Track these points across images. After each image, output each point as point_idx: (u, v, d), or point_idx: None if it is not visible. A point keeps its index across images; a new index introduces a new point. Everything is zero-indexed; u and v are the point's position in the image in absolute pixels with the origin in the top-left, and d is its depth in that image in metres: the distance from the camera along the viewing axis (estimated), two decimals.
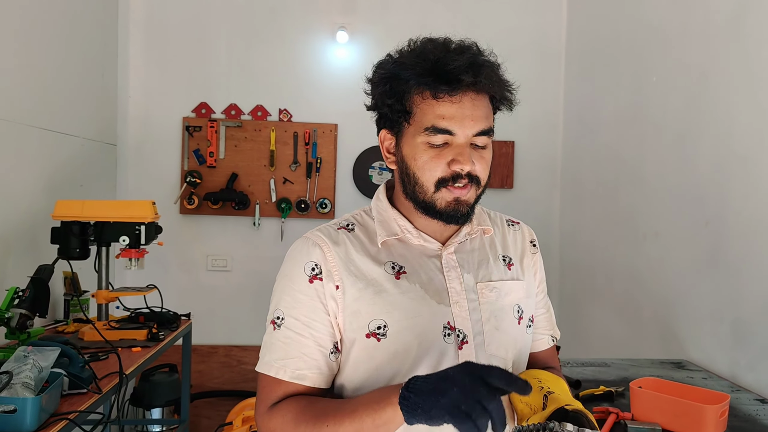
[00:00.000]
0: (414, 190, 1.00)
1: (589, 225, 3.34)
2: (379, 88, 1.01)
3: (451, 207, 0.98)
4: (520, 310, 1.08)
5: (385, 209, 1.06)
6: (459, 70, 0.93)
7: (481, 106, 0.98)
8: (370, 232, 1.05)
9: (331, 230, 1.05)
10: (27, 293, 2.09)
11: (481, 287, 1.03)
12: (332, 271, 0.99)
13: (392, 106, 0.99)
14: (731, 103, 2.12)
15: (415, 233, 1.04)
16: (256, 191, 3.61)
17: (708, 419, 1.50)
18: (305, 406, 0.93)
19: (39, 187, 2.59)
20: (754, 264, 1.99)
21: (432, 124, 0.95)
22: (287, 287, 1.00)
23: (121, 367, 1.93)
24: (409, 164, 0.99)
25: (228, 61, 3.61)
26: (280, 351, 0.98)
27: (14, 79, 2.41)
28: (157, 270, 3.38)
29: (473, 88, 0.96)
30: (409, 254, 1.03)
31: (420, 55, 0.97)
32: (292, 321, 0.98)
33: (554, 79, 3.77)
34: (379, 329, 0.97)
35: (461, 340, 0.99)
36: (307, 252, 1.01)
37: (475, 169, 0.97)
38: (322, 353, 0.98)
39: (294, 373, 0.96)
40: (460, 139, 0.96)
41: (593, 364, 2.21)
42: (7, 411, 1.44)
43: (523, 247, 1.16)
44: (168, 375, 3.28)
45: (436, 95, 0.95)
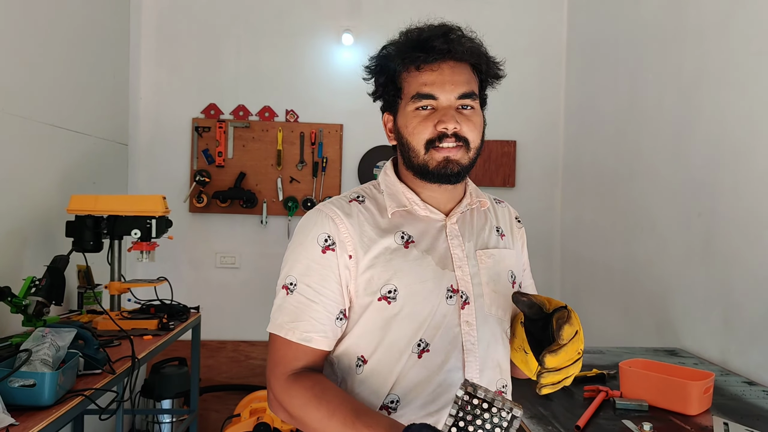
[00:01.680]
0: (409, 156, 1.09)
1: (589, 221, 3.41)
2: (374, 73, 1.13)
3: (441, 166, 1.06)
4: (513, 275, 1.18)
5: (393, 183, 1.15)
6: (432, 38, 1.04)
7: (460, 73, 1.07)
8: (379, 204, 1.13)
9: (343, 202, 1.12)
10: (43, 282, 2.19)
11: (480, 254, 1.13)
12: (345, 242, 1.06)
13: (386, 86, 1.11)
14: (722, 99, 2.19)
15: (422, 205, 1.12)
16: (263, 190, 3.71)
17: (692, 395, 1.57)
18: (315, 395, 0.99)
19: (54, 183, 2.70)
20: (744, 253, 2.05)
21: (416, 91, 1.06)
22: (301, 255, 1.07)
23: (134, 351, 2.02)
24: (403, 133, 1.09)
25: (236, 63, 3.72)
26: (291, 314, 1.05)
27: (30, 78, 2.52)
28: (167, 267, 3.48)
29: (451, 56, 1.06)
30: (417, 224, 1.11)
31: (403, 37, 1.10)
32: (304, 287, 1.05)
33: (555, 78, 3.84)
34: (390, 293, 1.05)
35: (464, 301, 1.09)
36: (321, 224, 1.08)
37: (461, 129, 1.05)
38: (329, 319, 1.05)
39: (302, 335, 1.04)
40: (443, 102, 1.06)
41: (589, 351, 2.27)
42: (27, 385, 1.52)
43: (511, 222, 1.26)
44: (178, 368, 3.37)
45: (418, 67, 1.06)
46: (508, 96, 3.82)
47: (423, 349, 1.05)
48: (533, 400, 1.71)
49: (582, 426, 1.48)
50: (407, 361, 1.05)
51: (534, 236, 3.75)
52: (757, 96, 2.00)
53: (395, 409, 1.04)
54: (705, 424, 1.52)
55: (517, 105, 3.82)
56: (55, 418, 1.52)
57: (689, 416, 1.57)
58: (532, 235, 4.06)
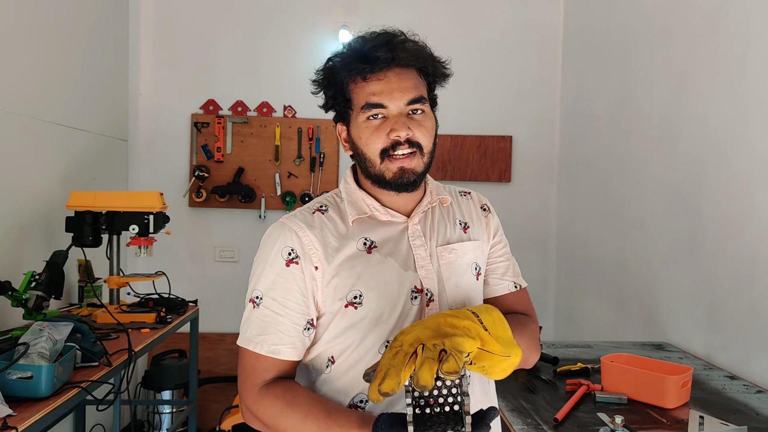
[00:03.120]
0: (366, 167, 1.11)
1: (583, 217, 3.44)
2: (322, 86, 1.15)
3: (397, 176, 1.08)
4: (477, 267, 1.20)
5: (353, 191, 1.16)
6: (375, 48, 1.05)
7: (407, 79, 1.08)
8: (342, 213, 1.15)
9: (306, 214, 1.14)
10: (43, 276, 2.25)
11: (440, 250, 1.16)
12: (310, 254, 1.08)
13: (336, 98, 1.12)
14: (709, 97, 2.22)
15: (382, 210, 1.14)
16: (261, 185, 3.75)
17: (669, 389, 1.62)
18: (287, 403, 1.03)
19: (54, 179, 2.75)
20: (727, 250, 2.08)
21: (365, 101, 1.07)
22: (265, 270, 1.09)
23: (130, 344, 2.07)
24: (357, 143, 1.11)
25: (234, 60, 3.75)
26: (258, 328, 1.07)
27: (30, 76, 2.57)
28: (167, 261, 3.54)
29: (396, 64, 1.06)
30: (379, 229, 1.14)
31: (347, 49, 1.10)
32: (269, 301, 1.08)
33: (551, 74, 3.86)
34: (355, 298, 1.07)
35: (429, 299, 1.12)
36: (284, 237, 1.10)
37: (413, 135, 1.07)
38: (296, 330, 1.08)
39: (270, 348, 1.06)
40: (393, 110, 1.07)
41: (577, 346, 2.32)
42: (25, 377, 1.58)
43: (477, 214, 1.27)
44: (177, 360, 3.44)
45: (364, 77, 1.07)
46: (505, 91, 3.85)
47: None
48: (516, 393, 1.76)
49: (560, 419, 1.52)
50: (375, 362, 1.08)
51: (529, 231, 3.85)
52: (741, 96, 2.03)
53: (364, 408, 1.08)
54: (681, 417, 1.57)
55: (514, 101, 3.85)
56: (52, 409, 1.58)
57: (666, 409, 1.62)
58: (527, 230, 4.09)
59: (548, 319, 3.83)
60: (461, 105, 3.79)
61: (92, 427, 3.11)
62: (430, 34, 1.24)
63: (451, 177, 3.78)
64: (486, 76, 3.84)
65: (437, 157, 3.76)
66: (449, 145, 3.82)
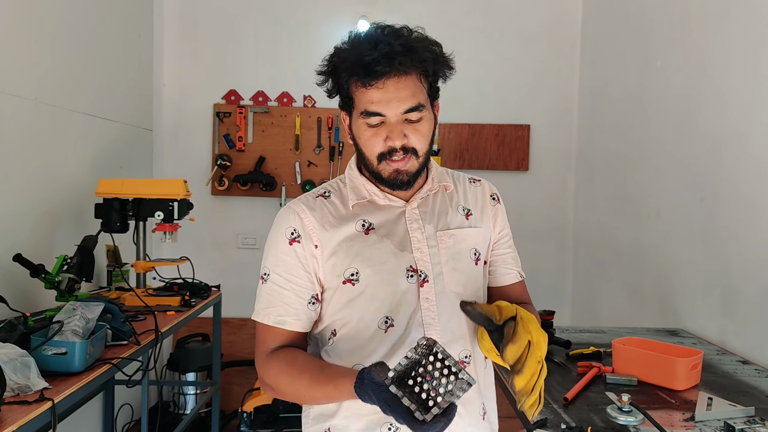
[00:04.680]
0: (364, 162, 1.18)
1: (600, 206, 3.46)
2: (326, 79, 1.18)
3: (393, 176, 1.15)
4: (477, 253, 1.25)
5: (356, 177, 1.23)
6: (374, 62, 1.07)
7: (405, 87, 1.11)
8: (343, 197, 1.22)
9: (309, 198, 1.22)
10: (74, 260, 2.34)
11: (440, 234, 1.21)
12: (310, 234, 1.17)
13: (339, 92, 1.18)
14: (725, 85, 2.23)
15: (381, 195, 1.20)
16: (282, 173, 3.83)
17: (679, 371, 1.65)
18: (288, 363, 1.13)
19: (84, 167, 2.85)
20: (742, 236, 2.10)
21: (364, 108, 1.12)
22: (272, 249, 1.19)
23: (157, 325, 2.16)
24: (358, 141, 1.17)
25: (255, 51, 3.82)
26: (266, 301, 1.17)
27: (60, 68, 2.66)
28: (192, 247, 3.62)
29: (394, 73, 1.09)
30: (378, 213, 1.20)
31: (350, 49, 1.13)
32: (275, 276, 1.17)
33: (570, 63, 3.87)
34: (352, 276, 1.15)
35: (423, 280, 1.18)
36: (286, 219, 1.19)
37: (409, 141, 1.12)
38: (301, 303, 1.16)
39: (276, 318, 1.15)
40: (391, 118, 1.12)
41: (591, 331, 2.35)
42: (59, 353, 1.67)
43: (483, 201, 1.31)
44: (201, 343, 3.55)
45: (364, 84, 1.11)
46: (523, 80, 3.87)
47: (389, 324, 1.15)
48: None
49: (570, 398, 1.57)
50: (374, 337, 1.15)
51: (547, 220, 3.88)
52: (756, 84, 2.04)
53: None
54: (690, 399, 1.60)
55: (532, 89, 3.87)
56: (85, 383, 1.67)
57: (676, 391, 1.65)
58: (544, 219, 4.11)
59: (565, 306, 3.86)
60: (479, 94, 3.81)
61: (120, 407, 3.23)
62: (448, 23, 1.28)
63: (468, 165, 3.81)
64: (504, 65, 3.86)
65: (455, 145, 3.85)
66: (467, 134, 3.85)
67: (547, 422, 1.42)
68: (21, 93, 2.37)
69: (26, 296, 2.36)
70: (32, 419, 1.42)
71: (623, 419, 1.40)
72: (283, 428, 3.41)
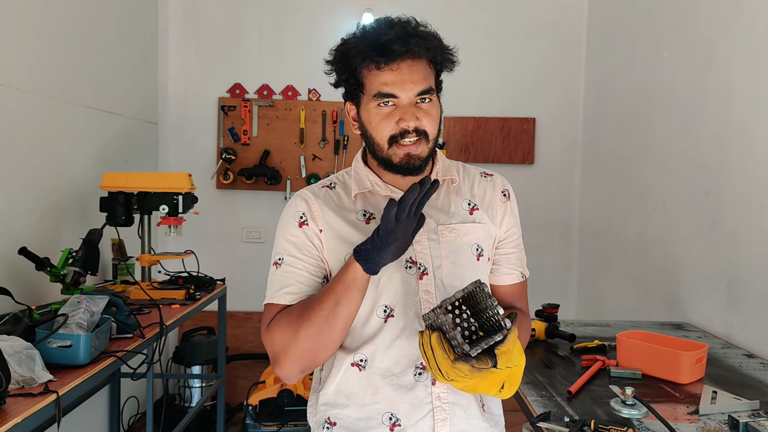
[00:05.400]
0: (374, 149, 1.18)
1: (606, 199, 3.44)
2: (335, 67, 1.19)
3: (404, 161, 1.15)
4: (479, 248, 1.23)
5: (360, 168, 1.26)
6: (391, 42, 1.09)
7: (418, 70, 1.13)
8: (347, 188, 1.25)
9: (316, 188, 1.26)
10: (79, 253, 2.35)
11: (442, 229, 1.21)
12: (316, 218, 1.20)
13: (348, 80, 1.18)
14: (732, 77, 2.21)
15: (383, 186, 1.22)
16: (287, 167, 3.83)
17: (683, 364, 1.64)
18: (292, 309, 1.13)
19: (88, 160, 2.86)
20: (749, 229, 2.09)
21: (378, 90, 1.13)
22: (282, 234, 1.21)
23: (162, 318, 2.17)
24: (367, 127, 1.18)
25: (260, 44, 3.82)
26: (281, 283, 1.17)
27: (65, 61, 2.67)
28: (197, 241, 3.63)
29: (408, 56, 1.11)
30: (378, 203, 1.22)
31: (363, 34, 1.14)
32: (289, 258, 1.18)
33: (575, 56, 3.84)
34: None
35: (422, 272, 1.18)
36: (295, 204, 1.22)
37: (421, 124, 1.14)
38: (315, 281, 1.18)
39: (291, 297, 1.15)
40: (404, 100, 1.13)
41: (596, 324, 2.35)
42: (64, 346, 1.68)
43: (493, 197, 1.29)
44: (206, 336, 3.56)
45: (378, 66, 1.12)
46: (528, 73, 3.85)
47: (388, 314, 1.16)
48: (532, 367, 1.80)
49: (574, 391, 1.57)
50: (373, 325, 1.16)
51: (552, 213, 3.86)
52: (763, 76, 2.02)
53: (365, 367, 1.16)
54: (694, 392, 1.60)
55: (537, 82, 3.84)
56: (90, 375, 1.67)
57: (680, 384, 1.65)
58: (550, 212, 4.10)
59: (570, 299, 3.85)
60: (484, 87, 3.80)
61: (126, 399, 3.25)
62: (454, 16, 1.28)
63: (473, 159, 3.80)
64: (509, 58, 3.83)
65: (460, 139, 3.83)
66: (472, 127, 3.84)
67: (550, 415, 1.42)
68: (25, 86, 2.37)
69: (32, 290, 2.37)
70: (37, 411, 1.43)
71: (627, 412, 1.40)
72: (288, 421, 3.42)
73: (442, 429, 1.14)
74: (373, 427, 1.15)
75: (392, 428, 1.14)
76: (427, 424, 1.14)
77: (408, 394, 1.14)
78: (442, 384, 1.13)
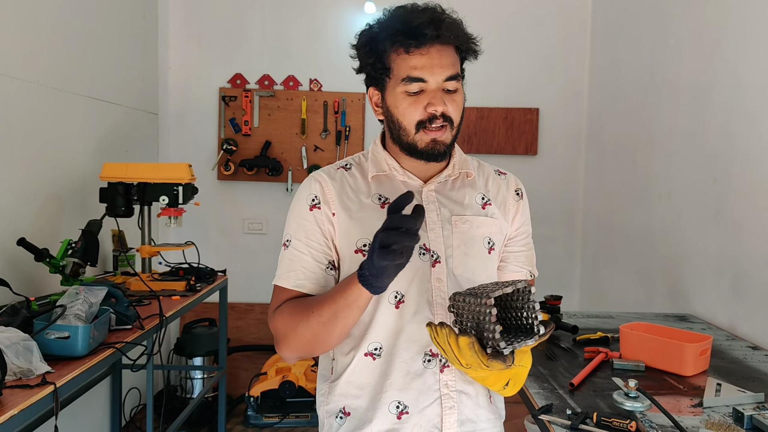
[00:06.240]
0: (399, 134, 1.17)
1: (610, 189, 3.41)
2: (361, 51, 1.19)
3: (429, 147, 1.15)
4: (491, 242, 1.24)
5: (378, 151, 1.25)
6: (423, 26, 1.09)
7: (447, 56, 1.13)
8: (364, 170, 1.25)
9: (331, 170, 1.25)
10: (79, 244, 2.34)
11: (455, 219, 1.21)
12: (329, 201, 1.19)
13: (374, 65, 1.17)
14: (740, 65, 2.17)
15: (400, 171, 1.22)
16: (288, 158, 3.80)
17: (687, 356, 1.62)
18: (297, 303, 1.15)
19: (88, 151, 2.84)
20: (755, 220, 2.06)
21: (407, 74, 1.12)
22: (294, 216, 1.22)
23: (161, 309, 2.15)
24: (393, 112, 1.17)
25: (261, 34, 3.79)
26: (287, 266, 1.19)
27: (64, 50, 2.64)
28: (197, 232, 3.63)
29: (438, 41, 1.12)
30: (394, 188, 1.21)
31: (391, 18, 1.14)
32: (296, 242, 1.19)
33: (580, 46, 3.80)
34: (364, 246, 1.16)
35: (434, 260, 1.17)
36: (308, 186, 1.22)
37: (448, 110, 1.14)
38: (319, 267, 1.18)
39: (295, 282, 1.17)
40: (432, 85, 1.13)
41: (599, 316, 2.33)
42: (62, 337, 1.67)
43: (506, 195, 1.30)
44: (208, 328, 3.55)
45: (407, 50, 1.12)
46: (532, 63, 3.81)
47: (399, 300, 1.15)
48: (534, 359, 1.77)
49: (576, 384, 1.55)
50: (384, 310, 1.15)
51: (556, 204, 3.83)
52: None
53: (379, 356, 1.16)
54: (698, 384, 1.58)
55: (541, 72, 3.81)
56: (88, 367, 1.66)
57: (684, 377, 1.63)
58: (553, 203, 4.07)
59: (574, 291, 3.83)
60: (487, 77, 3.76)
61: (128, 391, 3.24)
62: (457, 5, 1.26)
63: (476, 150, 3.77)
64: (513, 47, 3.79)
65: (463, 129, 3.76)
66: (475, 117, 3.81)
67: (552, 408, 1.40)
68: (24, 76, 2.35)
69: (31, 281, 2.36)
70: (34, 403, 1.42)
71: (630, 405, 1.38)
72: (290, 412, 3.42)
73: (449, 417, 1.15)
74: (381, 416, 1.15)
75: (399, 416, 1.15)
76: (435, 411, 1.15)
77: (416, 381, 1.15)
78: (449, 372, 1.15)
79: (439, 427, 1.15)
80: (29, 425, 2.25)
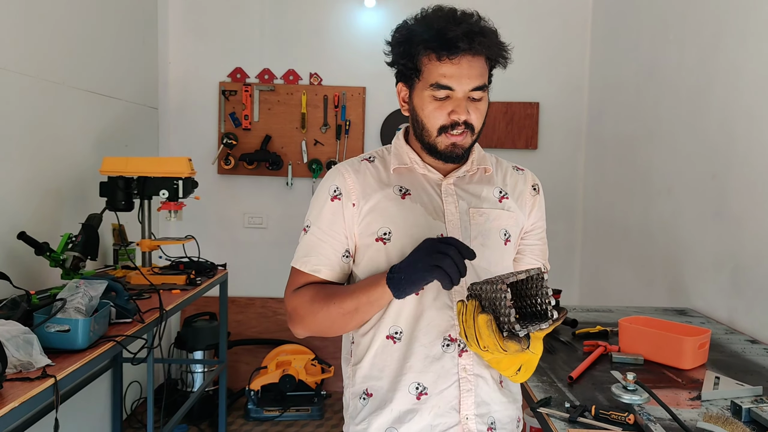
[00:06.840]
0: (421, 134, 1.23)
1: (610, 184, 3.41)
2: (395, 49, 1.23)
3: (449, 149, 1.21)
4: (507, 234, 1.28)
5: (401, 145, 1.31)
6: (457, 38, 1.13)
7: (476, 66, 1.18)
8: (386, 163, 1.30)
9: (355, 161, 1.31)
10: (79, 238, 2.34)
11: (473, 212, 1.26)
12: (350, 193, 1.25)
13: (405, 64, 1.21)
14: (740, 59, 2.17)
15: (421, 164, 1.27)
16: (288, 152, 3.80)
17: (686, 350, 1.63)
18: (318, 290, 1.22)
19: (88, 145, 2.84)
20: (755, 215, 2.06)
21: (436, 81, 1.17)
22: (316, 203, 1.28)
23: (161, 303, 2.16)
24: (418, 112, 1.22)
25: (261, 27, 3.78)
26: (305, 250, 1.26)
27: (63, 44, 2.64)
28: (198, 226, 3.62)
29: (470, 52, 1.16)
30: (415, 181, 1.27)
31: (427, 23, 1.18)
32: (315, 229, 1.25)
33: (580, 40, 3.79)
34: (385, 235, 1.22)
35: None
36: (333, 177, 1.28)
37: (470, 118, 1.19)
38: (336, 255, 1.24)
39: (312, 267, 1.24)
40: (458, 93, 1.18)
41: (598, 310, 2.33)
42: (62, 330, 1.67)
43: (523, 189, 1.35)
44: (208, 322, 3.56)
45: (439, 58, 1.16)
46: (532, 57, 3.80)
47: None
48: None
49: (575, 377, 1.55)
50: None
51: (556, 198, 3.83)
52: None
53: (399, 339, 1.21)
54: (697, 377, 1.58)
55: (541, 67, 3.80)
56: (88, 360, 1.67)
57: (683, 370, 1.63)
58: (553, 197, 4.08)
59: (573, 285, 3.83)
60: None
61: (129, 384, 3.26)
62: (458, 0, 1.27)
63: None
64: (513, 42, 3.73)
65: None
66: None
67: (551, 401, 1.40)
68: (23, 70, 2.35)
69: (31, 275, 2.37)
70: (34, 396, 1.43)
71: (628, 398, 1.39)
72: (290, 406, 3.44)
73: (467, 399, 1.19)
74: (400, 397, 1.20)
75: (419, 397, 1.20)
76: (453, 393, 1.19)
77: (435, 364, 1.19)
78: (468, 356, 1.20)
79: (457, 409, 1.19)
80: (30, 418, 2.26)
